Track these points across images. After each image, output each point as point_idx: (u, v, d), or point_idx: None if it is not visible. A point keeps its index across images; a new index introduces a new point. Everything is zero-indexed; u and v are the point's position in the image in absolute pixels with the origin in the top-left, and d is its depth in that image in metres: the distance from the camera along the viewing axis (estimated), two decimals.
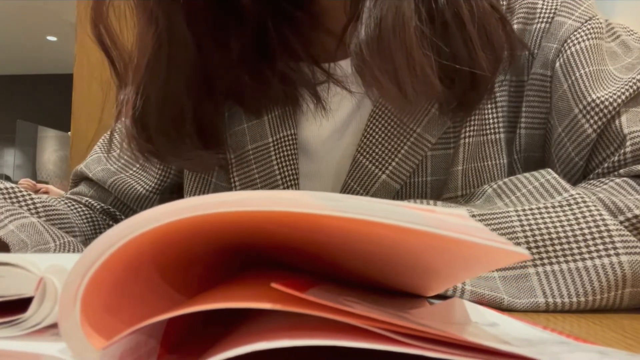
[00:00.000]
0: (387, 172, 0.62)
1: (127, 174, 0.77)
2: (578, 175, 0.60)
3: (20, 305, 0.24)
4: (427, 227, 0.17)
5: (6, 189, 0.61)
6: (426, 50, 0.53)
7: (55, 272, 0.24)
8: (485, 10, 0.57)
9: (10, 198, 0.61)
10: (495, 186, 0.55)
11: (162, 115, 0.61)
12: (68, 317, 0.19)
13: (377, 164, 0.62)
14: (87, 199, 0.76)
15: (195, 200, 0.19)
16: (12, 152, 9.04)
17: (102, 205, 0.76)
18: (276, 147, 0.66)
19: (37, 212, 0.63)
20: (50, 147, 9.01)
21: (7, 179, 7.19)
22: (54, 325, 0.24)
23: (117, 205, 0.78)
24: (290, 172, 0.65)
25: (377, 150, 0.62)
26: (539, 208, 0.48)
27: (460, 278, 0.31)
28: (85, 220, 0.72)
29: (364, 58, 0.53)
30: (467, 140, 0.62)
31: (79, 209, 0.72)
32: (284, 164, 0.66)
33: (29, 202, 0.62)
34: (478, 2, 0.57)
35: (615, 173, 0.55)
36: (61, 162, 8.75)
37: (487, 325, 0.27)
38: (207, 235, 0.25)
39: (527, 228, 0.46)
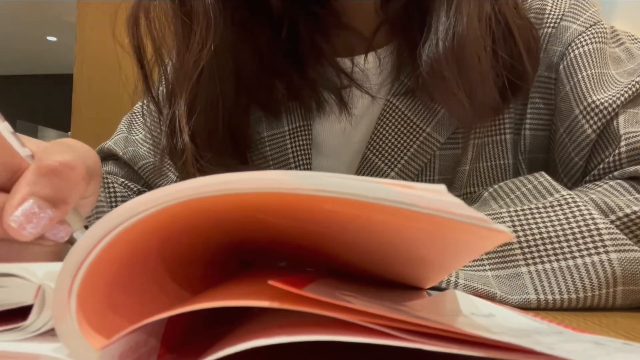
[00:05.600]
0: (396, 169, 0.62)
1: (154, 158, 0.75)
2: (578, 175, 0.60)
3: (21, 313, 0.24)
4: (402, 204, 0.17)
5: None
6: (491, 65, 0.57)
7: (53, 279, 0.24)
8: (525, 21, 0.61)
9: (104, 188, 0.65)
10: (491, 190, 0.56)
11: (205, 127, 0.61)
12: (63, 317, 0.19)
13: (386, 161, 0.63)
14: (122, 179, 0.75)
15: (178, 185, 0.19)
16: None
17: (138, 187, 0.76)
18: (291, 135, 0.67)
19: (117, 201, 0.65)
20: None
21: None
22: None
23: (149, 189, 0.77)
24: (304, 162, 0.66)
25: (386, 148, 0.63)
26: (530, 209, 0.49)
27: (453, 265, 0.31)
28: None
29: (442, 73, 0.55)
30: (475, 141, 0.63)
31: (119, 191, 0.72)
32: (298, 153, 0.67)
33: (111, 189, 0.65)
34: (520, 14, 0.61)
35: (610, 175, 0.56)
36: None
37: (482, 317, 0.27)
38: (206, 230, 0.25)
39: (519, 228, 0.47)
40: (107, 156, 0.78)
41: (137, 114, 0.81)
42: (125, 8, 0.60)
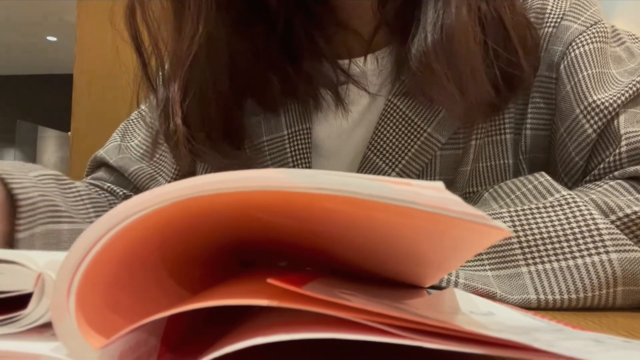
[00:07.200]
0: (396, 169, 0.62)
1: (147, 163, 0.78)
2: (578, 175, 0.60)
3: (21, 303, 0.24)
4: (400, 201, 0.17)
5: (53, 176, 0.62)
6: (483, 58, 0.56)
7: (54, 268, 0.24)
8: (521, 18, 0.61)
9: (59, 185, 0.62)
10: (491, 190, 0.56)
11: (200, 113, 0.62)
12: (62, 315, 0.19)
13: (387, 161, 0.62)
14: (109, 184, 0.77)
15: (176, 184, 0.19)
16: (12, 152, 9.04)
17: (124, 191, 0.77)
18: (291, 140, 0.67)
19: (82, 200, 0.64)
20: (50, 147, 9.02)
21: None
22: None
23: (137, 193, 0.77)
24: (303, 165, 0.66)
25: (387, 148, 0.62)
26: (530, 209, 0.49)
27: (452, 264, 0.31)
28: (108, 209, 0.72)
29: (431, 65, 0.54)
30: (476, 141, 0.63)
31: (103, 196, 0.73)
32: (298, 157, 0.67)
33: (74, 189, 0.64)
34: (515, 10, 0.60)
35: (610, 175, 0.55)
36: (61, 163, 8.75)
37: (482, 315, 0.27)
38: (205, 230, 0.25)
39: (519, 228, 0.47)
40: (99, 164, 0.81)
41: (133, 121, 0.84)
42: (121, 3, 0.61)
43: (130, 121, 0.84)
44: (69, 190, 0.63)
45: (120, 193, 0.76)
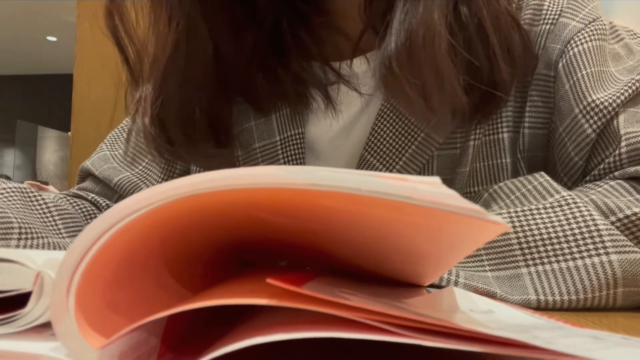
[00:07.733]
0: (394, 170, 0.62)
1: (133, 172, 0.77)
2: (577, 175, 0.60)
3: (20, 302, 0.24)
4: (397, 196, 0.17)
5: (19, 189, 0.61)
6: (454, 64, 0.53)
7: (53, 267, 0.24)
8: (507, 21, 0.59)
9: (24, 198, 0.61)
10: (491, 190, 0.56)
11: (179, 113, 0.62)
12: (62, 315, 0.19)
13: (384, 162, 0.62)
14: (93, 195, 0.76)
15: (173, 182, 0.19)
16: (12, 152, 9.05)
17: (108, 203, 0.76)
18: (283, 146, 0.66)
19: (50, 213, 0.63)
20: (50, 147, 9.02)
21: (7, 179, 7.15)
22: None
23: None
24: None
25: (384, 148, 0.62)
26: (530, 210, 0.48)
27: (450, 260, 0.31)
28: (89, 220, 0.71)
29: (393, 70, 0.53)
30: (474, 142, 0.62)
31: (83, 207, 0.72)
32: (291, 163, 0.66)
33: (41, 202, 0.62)
34: (500, 14, 0.58)
35: (611, 175, 0.55)
36: (61, 163, 8.77)
37: (481, 313, 0.27)
38: (205, 229, 0.25)
39: (519, 229, 0.47)
40: (87, 175, 0.80)
41: (123, 129, 0.83)
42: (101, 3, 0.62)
43: (120, 129, 0.83)
44: (36, 203, 0.61)
45: (104, 204, 0.75)
